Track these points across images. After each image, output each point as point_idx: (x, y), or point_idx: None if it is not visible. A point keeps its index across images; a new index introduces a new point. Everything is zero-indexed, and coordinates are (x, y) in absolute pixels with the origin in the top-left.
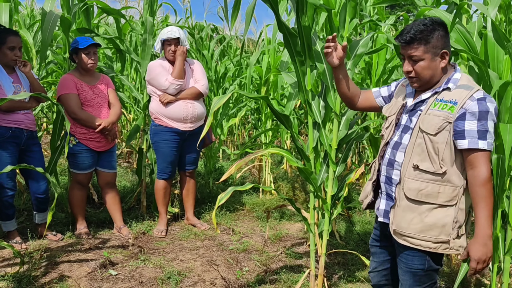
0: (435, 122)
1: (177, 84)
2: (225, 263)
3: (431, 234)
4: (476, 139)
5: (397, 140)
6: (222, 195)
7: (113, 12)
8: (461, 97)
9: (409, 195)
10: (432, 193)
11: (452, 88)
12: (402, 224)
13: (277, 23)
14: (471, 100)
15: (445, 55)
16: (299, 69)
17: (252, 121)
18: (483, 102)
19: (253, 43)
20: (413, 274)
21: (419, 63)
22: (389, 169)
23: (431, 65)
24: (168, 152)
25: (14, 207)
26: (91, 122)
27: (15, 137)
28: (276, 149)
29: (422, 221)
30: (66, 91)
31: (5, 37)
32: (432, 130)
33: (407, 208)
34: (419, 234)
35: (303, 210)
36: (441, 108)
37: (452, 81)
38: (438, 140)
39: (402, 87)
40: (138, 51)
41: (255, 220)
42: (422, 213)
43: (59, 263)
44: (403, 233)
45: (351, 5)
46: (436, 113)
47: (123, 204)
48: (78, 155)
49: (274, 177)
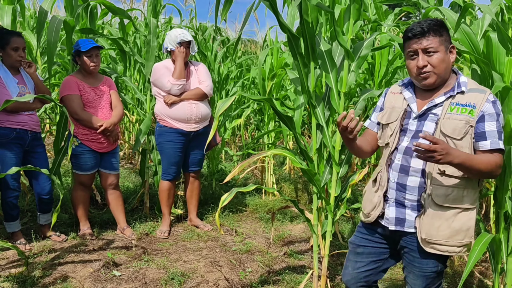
0: (459, 127)
1: (179, 84)
2: (228, 264)
3: (457, 239)
4: (497, 140)
5: (408, 146)
6: (225, 196)
7: (118, 11)
8: (478, 100)
9: (438, 202)
10: (458, 197)
11: (466, 91)
12: (431, 232)
13: (279, 24)
14: (487, 102)
15: (453, 50)
16: (302, 71)
17: (254, 122)
18: (496, 104)
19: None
20: (427, 278)
21: (435, 55)
22: (403, 176)
23: (445, 58)
24: (173, 153)
25: (18, 208)
26: (93, 123)
27: (19, 138)
28: (280, 150)
29: (449, 227)
30: (68, 92)
31: (8, 38)
32: (458, 134)
33: (435, 215)
34: (447, 240)
35: (307, 211)
36: (461, 112)
37: (463, 85)
38: (463, 145)
39: (392, 94)
40: (141, 52)
41: (258, 221)
42: (449, 219)
43: (63, 264)
44: (433, 241)
45: (355, 8)
46: (456, 117)
47: (127, 205)
48: (81, 156)
49: (276, 178)
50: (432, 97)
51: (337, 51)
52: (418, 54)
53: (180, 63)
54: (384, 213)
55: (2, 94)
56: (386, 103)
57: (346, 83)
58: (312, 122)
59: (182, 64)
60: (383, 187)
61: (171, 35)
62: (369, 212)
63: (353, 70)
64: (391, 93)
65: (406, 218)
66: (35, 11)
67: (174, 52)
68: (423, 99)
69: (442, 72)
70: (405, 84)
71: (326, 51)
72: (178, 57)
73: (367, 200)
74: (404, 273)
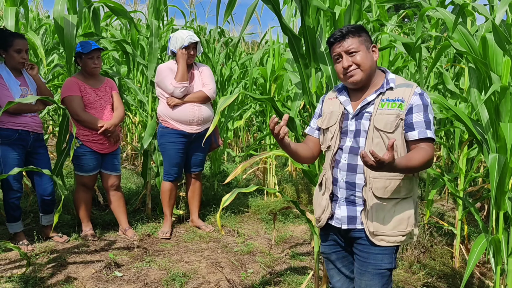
0: (390, 121)
1: (181, 87)
2: (230, 265)
3: (401, 228)
4: (424, 129)
5: (352, 145)
6: (227, 197)
7: (121, 13)
8: (406, 94)
9: (378, 194)
10: (396, 188)
11: (395, 87)
12: (378, 224)
13: (280, 25)
14: (414, 95)
15: (375, 49)
16: (303, 72)
17: (256, 124)
18: (424, 96)
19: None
20: (382, 276)
21: (357, 54)
22: (351, 174)
23: (368, 56)
24: (174, 154)
25: (20, 209)
26: (93, 124)
27: (21, 140)
28: (281, 151)
29: (392, 217)
30: (70, 93)
31: (11, 40)
32: (389, 128)
33: (378, 207)
34: (393, 230)
35: (308, 212)
36: (391, 107)
37: (391, 81)
38: (395, 137)
39: (329, 100)
40: (145, 54)
41: (260, 222)
42: (390, 210)
43: (65, 265)
44: (381, 233)
45: (356, 8)
46: (387, 111)
47: (128, 206)
48: (82, 157)
49: (278, 180)
50: (364, 96)
51: None
52: (342, 56)
53: (183, 65)
54: (334, 215)
55: (4, 96)
56: (324, 109)
57: None
58: None
59: (185, 66)
60: (329, 188)
61: (178, 37)
62: (319, 216)
63: None
64: (328, 99)
65: (357, 215)
66: (37, 12)
67: (177, 54)
68: (356, 100)
69: (367, 68)
70: (339, 89)
71: (326, 52)
72: (180, 59)
73: (316, 205)
74: (357, 277)
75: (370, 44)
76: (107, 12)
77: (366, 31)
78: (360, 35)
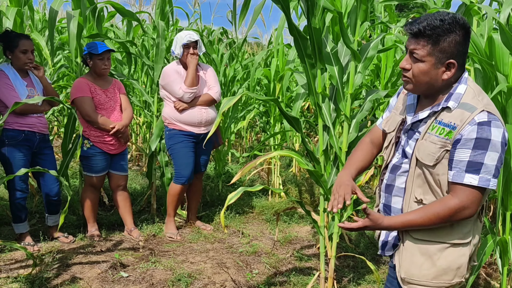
0: (431, 152)
1: (191, 92)
2: (235, 265)
3: (445, 279)
4: (464, 172)
5: (395, 163)
6: (232, 195)
7: (127, 14)
8: (462, 120)
9: (414, 235)
10: (442, 231)
11: (452, 107)
12: (412, 271)
13: (288, 25)
14: (470, 124)
15: (451, 66)
16: (309, 72)
17: (260, 124)
18: (485, 127)
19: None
20: None
21: (418, 63)
22: (387, 196)
23: (431, 72)
24: (185, 153)
25: (26, 210)
26: (105, 125)
27: (27, 140)
28: (286, 152)
29: (434, 266)
30: (81, 94)
31: (17, 40)
32: (429, 161)
33: (415, 249)
34: (432, 281)
35: (313, 212)
36: (439, 133)
37: (454, 98)
38: (438, 172)
39: (403, 94)
40: (149, 55)
41: (265, 223)
42: (434, 255)
43: (71, 265)
44: (414, 281)
45: (362, 9)
46: (433, 139)
47: (134, 206)
48: (92, 158)
49: (283, 180)
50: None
51: (342, 52)
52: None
53: (193, 70)
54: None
55: (11, 97)
56: (397, 104)
57: (352, 84)
58: (319, 123)
59: (195, 71)
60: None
61: (178, 38)
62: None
63: (359, 71)
64: (402, 93)
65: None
66: (44, 13)
67: (186, 57)
68: (421, 108)
69: (421, 84)
70: None
71: (333, 53)
72: (191, 64)
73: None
74: None
75: (445, 59)
76: (110, 12)
77: (454, 38)
78: (437, 43)
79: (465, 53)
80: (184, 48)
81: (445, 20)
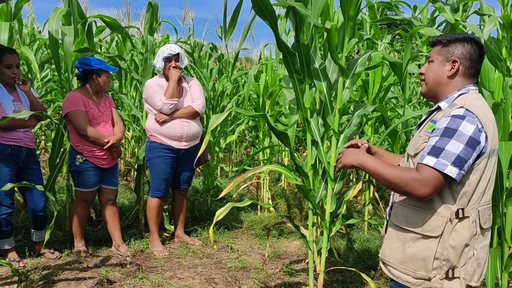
0: (415, 143)
1: (170, 103)
2: (224, 281)
3: (410, 267)
4: (426, 154)
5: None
6: (221, 211)
7: (117, 28)
8: (443, 114)
9: (394, 221)
10: (415, 221)
11: (443, 107)
12: (387, 252)
13: (276, 41)
14: (446, 116)
15: (455, 63)
16: (298, 87)
17: (249, 139)
18: (457, 120)
19: (251, 62)
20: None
21: (430, 64)
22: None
23: (438, 69)
24: (162, 169)
25: (12, 225)
26: (100, 139)
27: (14, 155)
28: (275, 166)
29: (404, 252)
30: (75, 108)
31: (1, 55)
32: (412, 151)
33: (394, 235)
34: (399, 265)
35: (302, 227)
36: (428, 129)
37: (447, 100)
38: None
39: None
40: (138, 69)
41: (253, 237)
42: (406, 243)
43: (57, 282)
44: (386, 262)
45: (350, 25)
46: (422, 133)
47: (121, 221)
48: (85, 173)
49: (272, 195)
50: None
51: (330, 68)
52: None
53: (174, 82)
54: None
55: None
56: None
57: (340, 99)
58: (307, 138)
59: (175, 83)
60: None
61: (159, 51)
62: None
63: (347, 86)
64: None
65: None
66: (33, 27)
67: (168, 70)
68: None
69: (430, 81)
70: None
71: (321, 69)
72: (172, 76)
73: None
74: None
75: (452, 56)
76: (99, 27)
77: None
78: (448, 45)
79: (476, 64)
80: (166, 61)
81: (460, 36)
